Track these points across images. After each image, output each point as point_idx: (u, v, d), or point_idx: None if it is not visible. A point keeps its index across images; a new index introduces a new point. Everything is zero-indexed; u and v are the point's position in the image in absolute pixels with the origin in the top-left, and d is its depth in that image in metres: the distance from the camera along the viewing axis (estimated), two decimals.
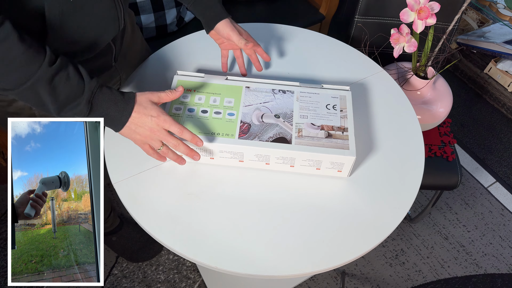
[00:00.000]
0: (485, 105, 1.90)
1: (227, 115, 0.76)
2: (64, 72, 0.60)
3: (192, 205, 0.72)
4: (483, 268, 1.40)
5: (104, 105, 0.64)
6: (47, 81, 0.59)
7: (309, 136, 0.74)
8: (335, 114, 0.77)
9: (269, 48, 1.00)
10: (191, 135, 0.68)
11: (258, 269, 0.66)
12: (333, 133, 0.74)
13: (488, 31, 1.87)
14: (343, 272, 1.36)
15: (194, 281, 1.32)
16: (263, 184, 0.76)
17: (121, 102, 0.65)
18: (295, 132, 0.74)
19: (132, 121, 0.66)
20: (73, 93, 0.61)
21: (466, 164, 1.68)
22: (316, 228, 0.71)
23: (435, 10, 0.89)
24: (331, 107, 0.78)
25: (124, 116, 0.65)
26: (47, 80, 0.58)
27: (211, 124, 0.75)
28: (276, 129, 0.75)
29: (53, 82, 0.59)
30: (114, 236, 1.32)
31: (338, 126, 0.75)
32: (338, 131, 0.75)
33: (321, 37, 1.05)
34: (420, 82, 1.03)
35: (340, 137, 0.74)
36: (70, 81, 0.61)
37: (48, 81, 0.59)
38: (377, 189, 0.76)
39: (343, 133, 0.74)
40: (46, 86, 0.59)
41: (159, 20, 1.41)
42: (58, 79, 0.60)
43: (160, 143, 0.69)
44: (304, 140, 0.73)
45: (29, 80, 0.57)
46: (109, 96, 0.64)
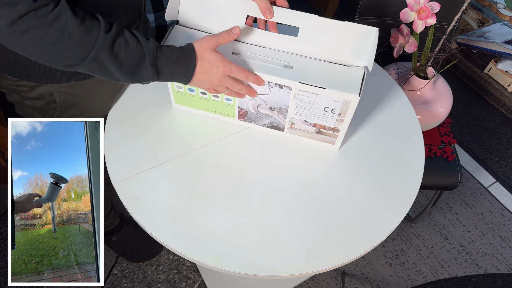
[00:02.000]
0: (485, 105, 1.90)
1: (225, 100, 0.79)
2: (121, 38, 0.61)
3: (192, 205, 0.72)
4: (483, 268, 1.40)
5: (168, 65, 0.64)
6: (108, 49, 0.59)
7: (301, 129, 0.79)
8: (331, 117, 0.74)
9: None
10: (255, 78, 0.70)
11: (258, 269, 0.66)
12: (324, 131, 0.78)
13: (488, 31, 1.87)
14: (343, 272, 1.36)
15: (194, 281, 1.32)
16: (263, 184, 0.76)
17: (183, 57, 0.65)
18: (288, 124, 0.79)
19: (198, 75, 0.68)
20: (135, 59, 0.62)
21: (466, 164, 1.68)
22: (316, 228, 0.71)
23: (435, 10, 0.89)
24: (329, 110, 0.73)
25: (188, 71, 0.66)
26: (107, 48, 0.59)
27: (212, 104, 0.80)
28: (271, 120, 0.79)
29: (114, 49, 0.60)
30: (114, 236, 1.32)
31: (330, 127, 0.76)
32: (329, 130, 0.77)
33: None
34: (420, 82, 1.03)
35: (330, 135, 0.78)
36: (129, 46, 0.61)
37: (109, 49, 0.59)
38: (377, 189, 0.76)
39: (333, 133, 0.77)
40: (108, 54, 0.59)
41: (159, 20, 1.41)
42: (118, 45, 0.60)
43: (225, 88, 0.72)
44: (296, 131, 0.80)
45: (91, 51, 0.58)
46: (170, 55, 0.64)
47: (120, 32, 0.61)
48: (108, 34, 0.59)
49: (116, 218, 1.30)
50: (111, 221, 1.27)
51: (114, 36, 0.60)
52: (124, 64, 0.61)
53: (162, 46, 0.65)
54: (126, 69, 0.62)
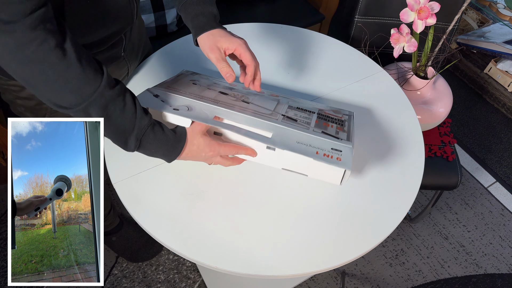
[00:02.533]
0: (485, 105, 1.90)
1: None
2: (121, 101, 0.59)
3: (192, 205, 0.72)
4: (483, 268, 1.40)
5: (153, 145, 0.63)
6: (102, 106, 0.57)
7: None
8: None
9: (269, 48, 1.00)
10: (245, 150, 0.69)
11: (258, 269, 0.66)
12: None
13: (488, 31, 1.87)
14: (343, 272, 1.36)
15: (194, 281, 1.32)
16: (263, 184, 0.76)
17: (171, 142, 0.64)
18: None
19: (182, 157, 0.67)
20: (124, 126, 0.60)
21: (466, 164, 1.68)
22: (316, 228, 0.71)
23: (435, 10, 0.89)
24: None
25: (173, 155, 0.65)
26: (101, 106, 0.57)
27: None
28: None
29: (108, 109, 0.58)
30: (114, 236, 1.32)
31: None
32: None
33: (321, 37, 1.05)
34: (420, 82, 1.03)
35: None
36: (125, 113, 0.59)
37: (103, 107, 0.57)
38: (377, 189, 0.76)
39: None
40: (99, 111, 0.57)
41: (159, 20, 1.41)
42: (113, 107, 0.58)
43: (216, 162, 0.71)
44: None
45: (84, 102, 0.56)
46: (160, 136, 0.63)
47: (122, 93, 0.59)
48: (109, 91, 0.57)
49: (116, 218, 1.30)
50: (111, 221, 1.27)
51: (114, 96, 0.58)
52: (111, 126, 0.60)
53: (155, 126, 0.62)
54: (111, 130, 0.60)
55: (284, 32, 1.05)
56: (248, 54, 0.71)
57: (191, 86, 0.79)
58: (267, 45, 1.00)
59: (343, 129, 0.75)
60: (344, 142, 0.71)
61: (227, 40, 0.71)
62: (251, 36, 1.02)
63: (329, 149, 0.68)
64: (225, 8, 1.54)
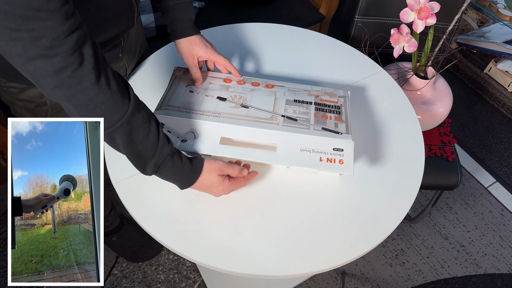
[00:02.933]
0: (485, 105, 1.90)
1: None
2: (146, 128, 0.60)
3: (192, 205, 0.72)
4: (483, 268, 1.40)
5: (169, 173, 0.64)
6: (126, 132, 0.59)
7: None
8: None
9: (269, 48, 1.00)
10: (252, 176, 0.71)
11: (258, 269, 0.66)
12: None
13: (488, 31, 1.87)
14: (343, 272, 1.36)
15: (194, 281, 1.32)
16: (263, 184, 0.76)
17: (186, 173, 0.65)
18: None
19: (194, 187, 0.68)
20: (146, 152, 0.61)
21: (466, 164, 1.68)
22: (316, 228, 0.71)
23: (435, 10, 0.89)
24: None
25: (185, 184, 0.66)
26: (126, 132, 0.59)
27: None
28: None
29: (132, 134, 0.59)
30: (114, 236, 1.32)
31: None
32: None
33: (321, 37, 1.05)
34: (420, 82, 1.03)
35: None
36: (148, 140, 0.61)
37: (128, 133, 0.59)
38: (377, 189, 0.76)
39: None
40: (123, 137, 0.59)
41: (159, 20, 1.40)
42: (137, 132, 0.59)
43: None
44: None
45: (109, 128, 0.57)
46: (177, 165, 0.64)
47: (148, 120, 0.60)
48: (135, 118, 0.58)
49: (116, 218, 1.30)
50: (111, 221, 1.27)
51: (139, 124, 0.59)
52: (132, 151, 0.61)
53: (175, 155, 0.64)
54: (132, 154, 0.62)
55: (284, 32, 1.05)
56: (220, 57, 0.83)
57: (189, 97, 0.80)
58: (267, 45, 1.00)
59: (341, 119, 0.77)
60: (344, 137, 0.73)
61: (201, 50, 0.83)
62: (251, 36, 1.02)
63: (331, 150, 0.72)
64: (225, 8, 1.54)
